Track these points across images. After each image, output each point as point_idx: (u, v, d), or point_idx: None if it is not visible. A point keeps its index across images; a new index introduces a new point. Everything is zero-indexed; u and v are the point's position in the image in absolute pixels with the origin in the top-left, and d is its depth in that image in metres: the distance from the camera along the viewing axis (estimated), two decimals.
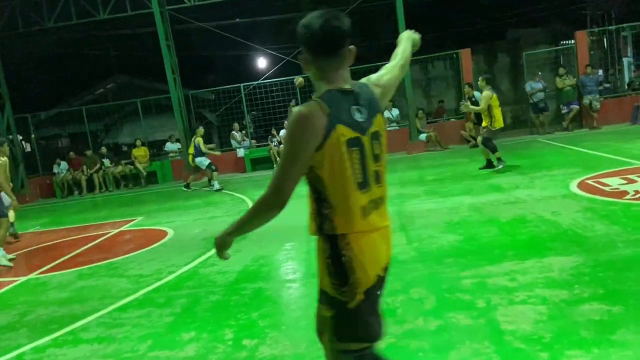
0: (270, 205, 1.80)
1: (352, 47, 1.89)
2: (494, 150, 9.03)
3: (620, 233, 4.67)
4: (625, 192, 6.14)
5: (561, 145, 11.36)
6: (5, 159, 7.20)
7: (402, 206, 7.15)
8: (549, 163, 9.21)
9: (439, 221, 6.02)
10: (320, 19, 1.83)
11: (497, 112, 8.93)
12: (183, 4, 14.36)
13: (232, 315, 3.95)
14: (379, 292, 1.91)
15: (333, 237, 1.82)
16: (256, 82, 15.90)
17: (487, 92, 8.94)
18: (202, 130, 12.31)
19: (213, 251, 5.84)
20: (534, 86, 14.02)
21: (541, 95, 13.94)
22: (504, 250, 4.62)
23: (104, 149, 16.17)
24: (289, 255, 5.48)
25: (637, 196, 5.91)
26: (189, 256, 5.94)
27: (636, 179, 6.78)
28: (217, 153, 13.40)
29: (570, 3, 23.24)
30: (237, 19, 20.12)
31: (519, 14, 24.56)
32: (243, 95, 15.57)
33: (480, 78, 9.34)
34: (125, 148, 18.97)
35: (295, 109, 1.83)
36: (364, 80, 2.02)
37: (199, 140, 11.84)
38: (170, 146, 16.46)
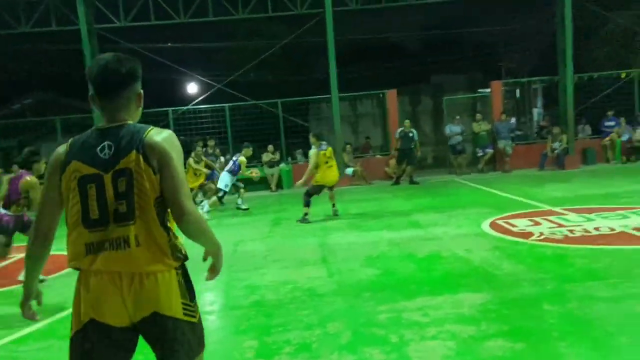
0: None
1: (140, 91, 1.99)
2: (306, 204, 8.63)
3: (525, 272, 4.97)
4: (531, 234, 6.58)
5: (476, 186, 12.02)
6: None
7: (325, 238, 7.22)
8: (465, 202, 9.70)
9: (359, 255, 6.13)
10: (101, 62, 1.91)
11: (324, 169, 8.61)
12: (113, 23, 14.01)
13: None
14: (109, 340, 1.85)
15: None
16: (185, 108, 15.67)
17: (313, 151, 8.65)
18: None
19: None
20: (453, 129, 14.84)
21: (459, 138, 14.78)
22: (420, 286, 4.78)
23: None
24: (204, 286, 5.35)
25: (542, 237, 6.34)
26: None
27: (541, 221, 7.28)
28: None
29: (488, 55, 25.07)
30: (169, 44, 19.87)
31: (442, 61, 26.08)
32: (171, 120, 15.26)
33: (310, 135, 9.06)
34: None
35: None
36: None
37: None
38: None
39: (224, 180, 10.06)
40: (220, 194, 10.21)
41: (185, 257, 1.96)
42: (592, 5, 15.27)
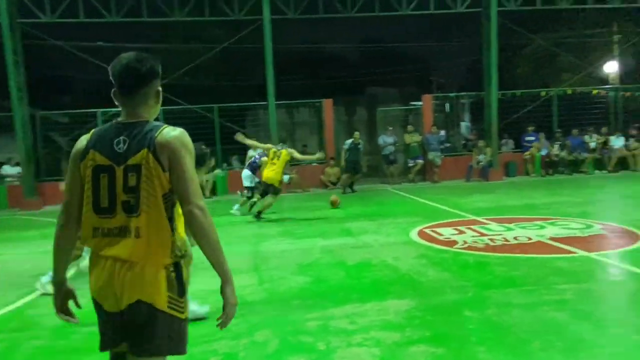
0: None
1: (158, 88, 2.10)
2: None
3: (448, 279, 5.17)
4: (455, 242, 6.86)
5: (407, 195, 12.39)
6: None
7: (257, 246, 7.18)
8: (395, 211, 9.97)
9: (291, 262, 6.14)
10: (123, 61, 2.02)
11: (268, 166, 9.43)
12: (38, 18, 13.30)
13: None
14: (105, 318, 1.98)
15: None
16: (115, 109, 15.02)
17: (270, 144, 9.63)
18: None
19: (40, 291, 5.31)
20: (386, 140, 15.25)
21: (392, 148, 15.20)
22: (348, 293, 4.85)
23: None
24: None
25: (465, 246, 6.62)
26: (14, 295, 5.29)
27: (465, 230, 7.61)
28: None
29: (421, 70, 26.00)
30: (100, 42, 19.12)
31: (378, 73, 26.75)
32: (100, 122, 14.64)
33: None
34: None
35: None
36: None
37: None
38: (8, 169, 14.75)
39: (247, 177, 10.36)
40: (248, 193, 10.31)
41: (183, 256, 2.02)
42: (516, 27, 16.21)
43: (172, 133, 1.99)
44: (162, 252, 1.94)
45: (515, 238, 6.94)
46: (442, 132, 16.76)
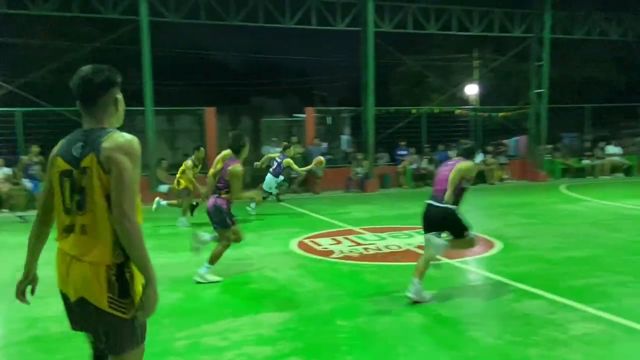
0: None
1: (117, 97, 2.22)
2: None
3: (323, 289, 5.28)
4: (332, 252, 7.04)
5: (289, 206, 12.51)
6: None
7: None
8: (277, 222, 10.01)
9: (165, 278, 5.84)
10: (80, 73, 2.17)
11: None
12: None
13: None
14: (70, 310, 2.16)
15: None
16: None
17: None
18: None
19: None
20: (270, 151, 15.27)
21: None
22: (223, 308, 4.74)
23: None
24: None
25: (341, 255, 6.83)
26: None
27: (342, 240, 7.85)
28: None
29: (304, 82, 26.56)
30: None
31: (263, 84, 26.82)
32: None
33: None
34: None
35: None
36: None
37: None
38: None
39: (269, 183, 10.77)
40: (264, 195, 10.41)
41: (127, 257, 2.07)
42: (391, 48, 17.23)
43: (118, 139, 2.10)
44: (104, 252, 2.04)
45: (387, 247, 7.30)
46: (324, 145, 17.20)
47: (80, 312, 2.09)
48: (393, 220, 9.82)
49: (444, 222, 4.96)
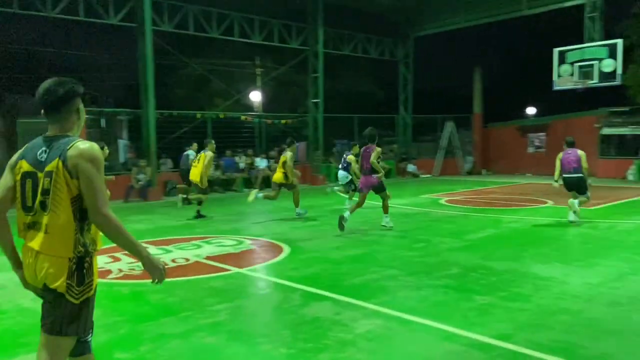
0: None
1: (79, 107, 2.48)
2: None
3: (99, 317, 4.55)
4: (110, 272, 6.27)
5: None
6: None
7: None
8: None
9: None
10: (45, 85, 2.41)
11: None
12: None
13: None
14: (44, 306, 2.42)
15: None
16: None
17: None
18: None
19: None
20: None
21: None
22: None
23: None
24: None
25: (121, 275, 6.11)
26: None
27: (120, 257, 7.06)
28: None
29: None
30: None
31: (17, 79, 23.24)
32: None
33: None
34: None
35: None
36: None
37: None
38: None
39: (342, 178, 12.10)
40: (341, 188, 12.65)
41: (87, 253, 2.38)
42: (172, 49, 16.54)
43: (81, 146, 2.34)
44: (65, 247, 2.32)
45: (173, 260, 6.82)
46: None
47: (45, 298, 2.40)
48: (179, 230, 9.32)
49: (579, 184, 8.89)
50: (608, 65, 15.26)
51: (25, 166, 2.38)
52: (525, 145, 22.11)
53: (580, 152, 8.93)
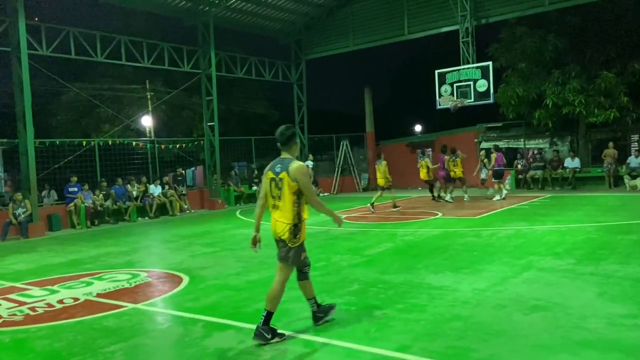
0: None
1: (297, 142, 4.71)
2: None
3: None
4: None
5: None
6: None
7: None
8: None
9: None
10: (280, 129, 4.66)
11: None
12: None
13: None
14: (278, 247, 4.62)
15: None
16: None
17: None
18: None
19: None
20: None
21: None
22: None
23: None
24: None
25: (0, 322, 5.53)
26: None
27: (0, 301, 6.41)
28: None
29: None
30: None
31: None
32: None
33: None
34: None
35: None
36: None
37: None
38: None
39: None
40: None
41: (300, 220, 4.53)
42: (52, 74, 15.48)
43: (294, 165, 4.45)
44: (289, 218, 4.47)
45: (59, 302, 6.30)
46: None
47: (279, 245, 4.57)
48: (66, 267, 8.64)
49: None
50: (482, 85, 16.76)
51: (270, 175, 4.52)
52: (415, 160, 23.41)
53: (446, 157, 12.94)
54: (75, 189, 15.00)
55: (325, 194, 22.22)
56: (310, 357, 4.13)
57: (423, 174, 16.41)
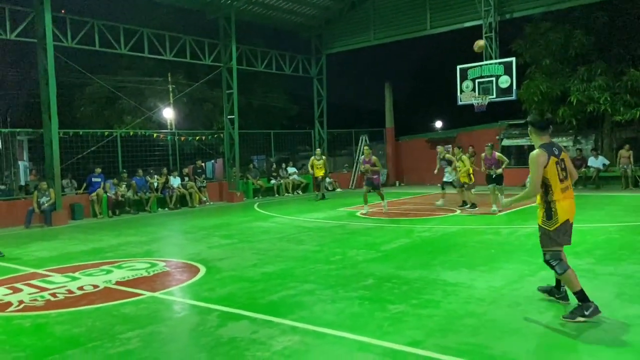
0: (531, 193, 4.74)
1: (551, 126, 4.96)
2: None
3: None
4: (10, 304, 5.81)
5: None
6: None
7: None
8: None
9: None
10: (539, 117, 5.04)
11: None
12: None
13: None
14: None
15: (549, 202, 4.68)
16: None
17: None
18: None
19: None
20: None
21: None
22: None
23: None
24: None
25: (22, 307, 5.69)
26: None
27: (22, 287, 6.58)
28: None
29: None
30: None
31: None
32: None
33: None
34: None
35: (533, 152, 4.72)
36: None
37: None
38: None
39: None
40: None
41: (550, 202, 4.68)
42: (77, 65, 15.74)
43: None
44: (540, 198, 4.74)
45: (80, 288, 6.44)
46: None
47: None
48: (87, 256, 8.81)
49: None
50: (504, 81, 16.52)
51: (553, 159, 4.68)
52: (434, 157, 23.24)
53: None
54: (99, 179, 15.26)
55: (344, 189, 22.19)
56: (322, 349, 4.15)
57: (463, 176, 13.15)
